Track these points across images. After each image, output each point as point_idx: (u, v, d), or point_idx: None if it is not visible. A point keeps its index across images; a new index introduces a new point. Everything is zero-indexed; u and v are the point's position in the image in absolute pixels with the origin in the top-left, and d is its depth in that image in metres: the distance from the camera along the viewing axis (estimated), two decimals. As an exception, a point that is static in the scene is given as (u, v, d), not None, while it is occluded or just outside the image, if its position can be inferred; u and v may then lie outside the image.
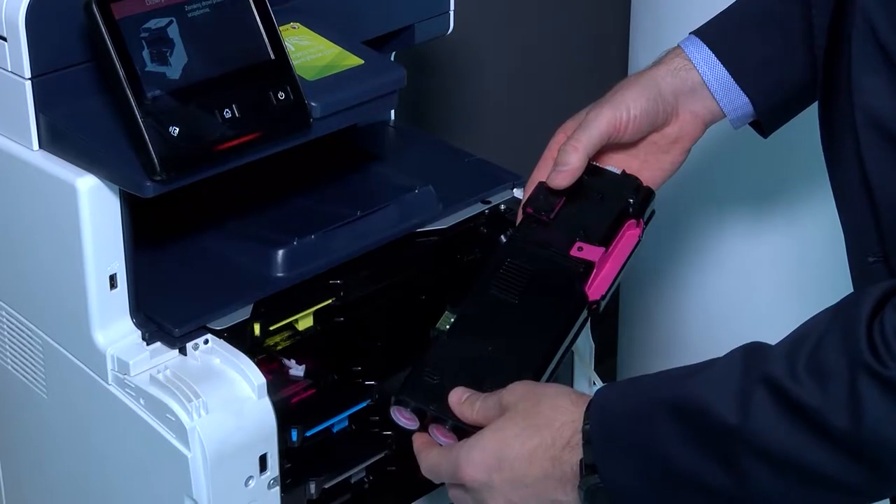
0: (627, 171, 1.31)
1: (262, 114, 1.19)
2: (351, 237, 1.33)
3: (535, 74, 2.32)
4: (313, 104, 1.22)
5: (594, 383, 1.44)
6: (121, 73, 1.13)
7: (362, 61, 1.29)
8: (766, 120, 1.34)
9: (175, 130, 1.14)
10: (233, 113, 1.18)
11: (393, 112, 1.56)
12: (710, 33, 1.32)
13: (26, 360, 1.32)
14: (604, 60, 2.38)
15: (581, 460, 1.06)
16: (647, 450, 1.03)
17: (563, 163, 1.27)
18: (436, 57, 2.14)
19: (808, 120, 1.33)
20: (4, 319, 1.33)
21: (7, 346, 1.34)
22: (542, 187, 1.29)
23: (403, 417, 1.21)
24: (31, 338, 1.30)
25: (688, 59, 1.31)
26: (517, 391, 1.13)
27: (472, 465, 1.11)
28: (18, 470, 1.42)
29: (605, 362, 2.26)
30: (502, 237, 1.40)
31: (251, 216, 1.36)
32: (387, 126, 1.57)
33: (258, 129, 1.19)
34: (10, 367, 1.35)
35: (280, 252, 1.28)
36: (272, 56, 1.21)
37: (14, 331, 1.32)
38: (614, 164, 1.31)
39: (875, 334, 0.95)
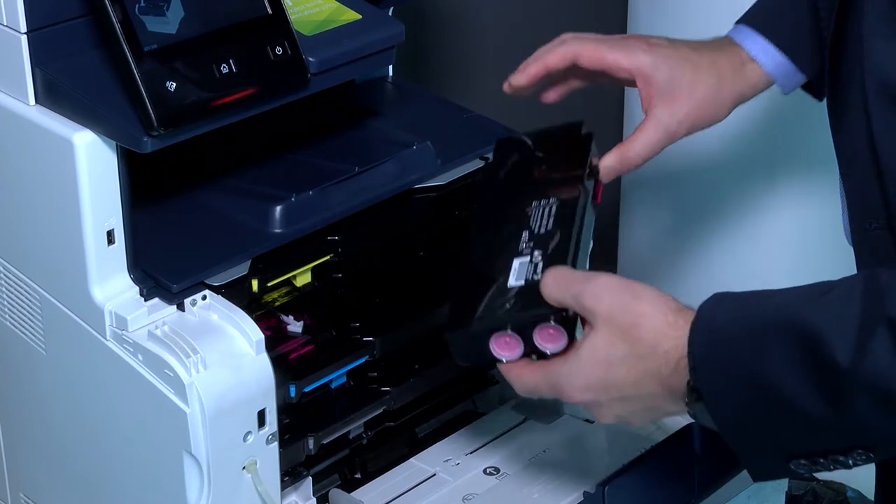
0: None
1: (259, 69, 1.19)
2: (349, 193, 1.33)
3: (534, 30, 2.31)
4: (311, 59, 1.22)
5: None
6: (117, 27, 1.13)
7: (360, 16, 1.28)
8: (820, 86, 1.34)
9: (172, 85, 1.14)
10: (230, 68, 1.17)
11: (391, 67, 1.56)
12: (760, 19, 1.33)
13: (25, 315, 1.32)
14: (603, 14, 2.37)
15: (688, 382, 1.05)
16: (752, 374, 1.01)
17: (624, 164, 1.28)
18: (434, 12, 2.13)
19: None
20: (2, 275, 1.33)
21: (5, 302, 1.34)
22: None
23: (501, 348, 1.12)
24: (29, 294, 1.30)
25: (749, 56, 1.32)
26: (604, 298, 1.09)
27: (577, 390, 1.09)
28: (17, 425, 1.42)
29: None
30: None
31: (249, 172, 1.36)
32: (384, 82, 1.57)
33: (256, 84, 1.19)
34: (8, 324, 1.35)
35: (278, 208, 1.28)
36: (269, 11, 1.20)
37: (12, 287, 1.32)
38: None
39: None
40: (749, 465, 1.06)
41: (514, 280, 1.15)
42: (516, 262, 1.17)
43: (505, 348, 1.12)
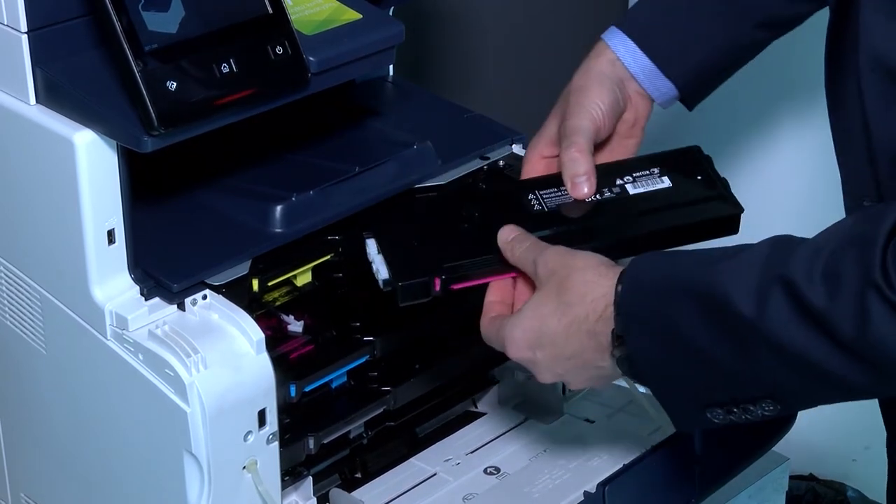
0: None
1: (259, 69, 1.19)
2: (349, 193, 1.33)
3: (534, 30, 2.32)
4: (311, 59, 1.22)
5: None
6: (118, 26, 1.13)
7: (360, 16, 1.28)
8: (689, 98, 1.39)
9: (173, 85, 1.14)
10: (230, 68, 1.17)
11: (391, 67, 1.56)
12: (631, 24, 1.37)
13: (25, 315, 1.32)
14: (603, 14, 2.37)
15: (613, 330, 1.11)
16: (668, 326, 1.08)
17: (577, 174, 1.29)
18: (434, 12, 2.13)
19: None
20: (3, 275, 1.33)
21: (6, 302, 1.34)
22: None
23: None
24: (29, 293, 1.30)
25: (614, 53, 1.36)
26: (550, 262, 1.17)
27: (515, 343, 1.17)
28: (17, 425, 1.42)
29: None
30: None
31: (250, 172, 1.36)
32: (385, 81, 1.57)
33: (256, 84, 1.19)
34: (8, 323, 1.35)
35: (279, 208, 1.28)
36: (270, 10, 1.20)
37: (12, 286, 1.32)
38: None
39: (889, 257, 0.97)
40: (671, 414, 1.12)
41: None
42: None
43: None
